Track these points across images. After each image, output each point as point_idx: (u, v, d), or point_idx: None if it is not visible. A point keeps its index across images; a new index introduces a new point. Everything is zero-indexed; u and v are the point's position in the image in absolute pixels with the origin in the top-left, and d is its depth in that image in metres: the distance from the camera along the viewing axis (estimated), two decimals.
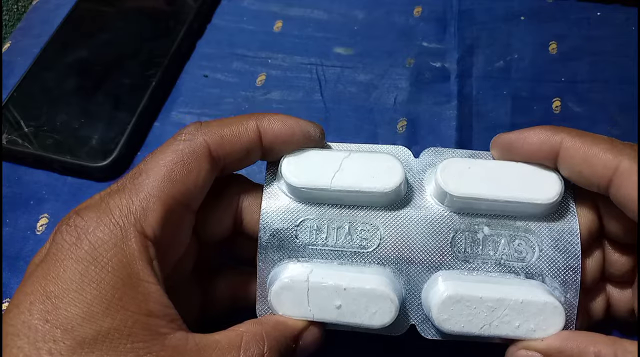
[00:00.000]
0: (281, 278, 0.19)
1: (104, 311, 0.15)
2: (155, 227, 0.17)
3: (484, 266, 0.19)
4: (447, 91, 0.31)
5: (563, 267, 0.19)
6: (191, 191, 0.18)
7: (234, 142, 0.19)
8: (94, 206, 0.17)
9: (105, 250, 0.16)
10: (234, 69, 0.32)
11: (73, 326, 0.15)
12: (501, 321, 0.18)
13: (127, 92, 0.30)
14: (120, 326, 0.15)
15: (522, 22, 0.33)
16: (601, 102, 0.30)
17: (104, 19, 0.33)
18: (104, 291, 0.15)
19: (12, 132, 0.29)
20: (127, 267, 0.16)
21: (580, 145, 0.18)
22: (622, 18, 0.33)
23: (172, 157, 0.18)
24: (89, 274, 0.15)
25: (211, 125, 0.19)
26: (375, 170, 0.19)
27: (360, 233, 0.20)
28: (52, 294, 0.15)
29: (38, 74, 0.31)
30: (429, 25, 0.33)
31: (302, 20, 0.34)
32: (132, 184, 0.17)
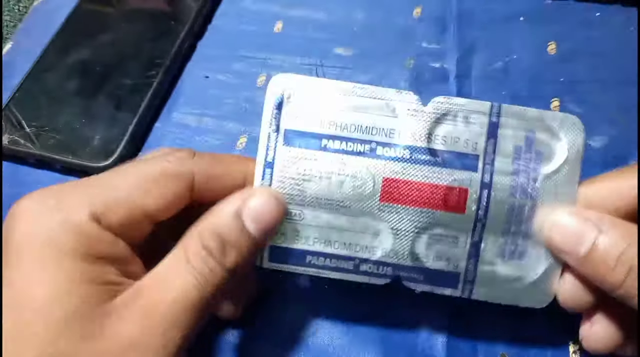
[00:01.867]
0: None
1: (69, 288, 0.15)
2: (114, 224, 0.17)
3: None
4: (447, 91, 0.31)
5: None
6: (160, 210, 0.18)
7: (219, 183, 0.19)
8: (53, 193, 0.17)
9: (63, 232, 0.16)
10: (234, 69, 0.33)
11: (42, 307, 0.15)
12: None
13: (128, 93, 0.30)
14: (86, 297, 0.15)
15: (521, 23, 0.33)
16: (600, 103, 0.30)
17: (106, 20, 0.33)
18: (66, 269, 0.16)
19: (14, 132, 0.29)
20: (86, 246, 0.16)
21: (600, 184, 0.19)
22: (621, 19, 0.33)
23: (153, 172, 0.18)
24: (48, 255, 0.16)
25: (203, 159, 0.19)
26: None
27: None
28: (15, 280, 0.15)
29: (40, 74, 0.31)
30: (429, 26, 0.34)
31: (303, 21, 0.34)
32: (105, 181, 0.18)
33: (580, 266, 0.19)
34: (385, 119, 0.20)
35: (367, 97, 0.20)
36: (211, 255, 0.17)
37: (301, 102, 0.20)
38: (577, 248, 0.18)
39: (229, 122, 0.31)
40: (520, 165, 0.20)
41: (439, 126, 0.20)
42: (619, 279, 0.18)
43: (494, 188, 0.20)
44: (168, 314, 0.16)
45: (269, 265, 0.21)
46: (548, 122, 0.20)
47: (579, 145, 0.20)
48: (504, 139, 0.20)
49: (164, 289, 0.16)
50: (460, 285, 0.20)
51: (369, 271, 0.21)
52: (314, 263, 0.21)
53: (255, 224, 0.18)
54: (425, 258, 0.20)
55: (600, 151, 0.29)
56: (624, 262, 0.17)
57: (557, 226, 0.19)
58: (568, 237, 0.19)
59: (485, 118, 0.20)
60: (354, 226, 0.20)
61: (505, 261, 0.20)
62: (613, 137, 0.29)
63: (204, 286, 0.17)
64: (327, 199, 0.20)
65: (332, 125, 0.20)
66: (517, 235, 0.20)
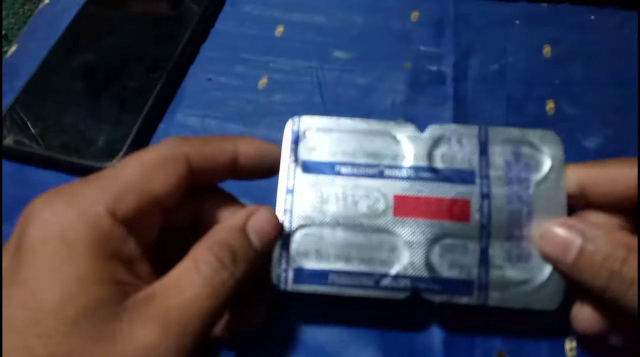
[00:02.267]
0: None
1: (80, 288, 0.15)
2: (127, 214, 0.17)
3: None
4: (444, 94, 0.31)
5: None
6: (165, 191, 0.19)
7: (212, 159, 0.20)
8: (64, 190, 0.17)
9: (75, 230, 0.16)
10: (236, 72, 0.33)
11: (53, 307, 0.15)
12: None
13: (132, 95, 0.31)
14: (98, 297, 0.16)
15: (517, 26, 0.34)
16: (595, 104, 0.31)
17: (110, 23, 0.34)
18: (77, 267, 0.16)
19: (19, 133, 0.29)
20: (98, 244, 0.16)
21: (601, 170, 0.20)
22: (616, 21, 0.34)
23: (153, 159, 0.19)
24: (60, 253, 0.16)
25: (193, 140, 0.20)
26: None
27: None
28: (28, 280, 0.15)
29: (45, 76, 0.32)
30: (426, 30, 0.34)
31: (303, 25, 0.35)
32: (110, 174, 0.18)
33: (570, 272, 0.20)
34: (389, 145, 0.23)
35: (370, 129, 0.23)
36: (224, 266, 0.18)
37: (315, 137, 0.23)
38: (566, 255, 0.20)
39: (231, 123, 0.31)
40: (512, 176, 0.22)
41: (437, 148, 0.23)
42: (603, 284, 0.19)
43: (492, 197, 0.22)
44: (181, 320, 0.16)
45: (294, 287, 0.22)
46: (530, 138, 0.23)
47: (560, 155, 0.22)
48: (494, 155, 0.22)
49: (176, 296, 0.17)
50: (476, 292, 0.22)
51: (389, 286, 0.22)
52: (335, 282, 0.22)
53: (258, 238, 0.20)
54: (440, 268, 0.22)
55: (595, 152, 0.29)
56: (607, 267, 0.18)
57: (547, 236, 0.21)
58: (557, 245, 0.20)
59: (475, 139, 0.23)
60: (371, 242, 0.22)
61: (514, 265, 0.22)
62: (608, 137, 0.29)
63: (216, 296, 0.17)
64: (344, 218, 0.22)
65: (344, 154, 0.23)
66: (520, 238, 0.22)
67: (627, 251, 0.18)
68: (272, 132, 0.30)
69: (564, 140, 0.29)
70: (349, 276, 0.22)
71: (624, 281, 0.18)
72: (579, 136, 0.30)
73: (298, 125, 0.23)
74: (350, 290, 0.22)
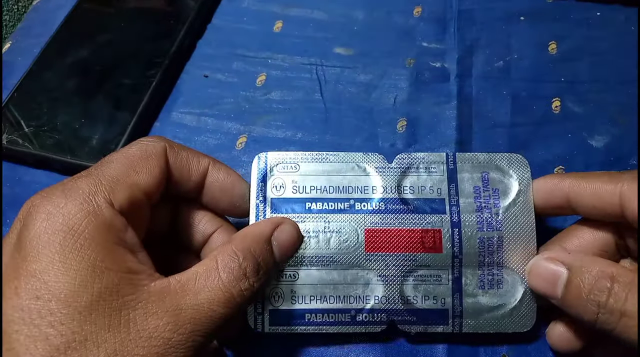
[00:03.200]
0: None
1: (91, 275, 0.16)
2: (123, 204, 0.18)
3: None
4: (447, 91, 0.31)
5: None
6: (151, 183, 0.19)
7: (186, 165, 0.21)
8: (60, 186, 0.18)
9: (79, 219, 0.16)
10: (234, 69, 0.32)
11: (66, 295, 0.15)
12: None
13: (127, 92, 0.30)
14: (109, 285, 0.16)
15: (522, 22, 0.33)
16: (601, 102, 0.30)
17: (105, 19, 0.33)
18: (86, 256, 0.16)
19: (12, 132, 0.29)
20: (103, 233, 0.17)
21: (585, 184, 0.20)
22: (621, 18, 0.33)
23: (137, 153, 0.19)
24: (68, 243, 0.16)
25: (172, 143, 0.21)
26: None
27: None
28: (37, 271, 0.15)
29: (38, 74, 0.31)
30: (429, 26, 0.34)
31: (302, 20, 0.34)
32: (99, 170, 0.18)
33: (562, 307, 0.20)
34: (358, 178, 0.23)
35: (339, 162, 0.23)
36: (245, 277, 0.18)
37: (283, 174, 0.23)
38: (555, 291, 0.20)
39: (229, 121, 0.30)
40: (481, 202, 0.23)
41: (405, 178, 0.23)
42: (592, 317, 0.18)
43: (463, 225, 0.22)
44: (194, 321, 0.16)
45: (270, 329, 0.22)
46: (497, 162, 0.23)
47: (527, 178, 0.23)
48: (463, 182, 0.23)
49: (192, 296, 0.17)
50: (450, 320, 0.22)
51: (365, 320, 0.22)
52: (313, 321, 0.22)
53: (280, 251, 0.20)
54: (415, 299, 0.22)
55: (602, 151, 0.28)
56: (593, 301, 0.18)
57: (534, 272, 0.21)
58: (544, 281, 0.20)
59: (443, 166, 0.23)
60: (345, 279, 0.22)
61: (486, 291, 0.22)
62: (614, 136, 0.29)
63: (232, 304, 0.17)
64: (318, 257, 0.22)
65: (313, 189, 0.23)
66: (491, 265, 0.22)
67: (612, 281, 0.18)
68: (269, 131, 0.30)
69: (571, 140, 0.29)
70: (325, 314, 0.22)
71: (613, 313, 0.18)
72: (585, 135, 0.29)
73: (265, 162, 0.23)
74: (327, 327, 0.22)
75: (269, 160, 0.23)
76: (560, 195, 0.21)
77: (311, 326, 0.22)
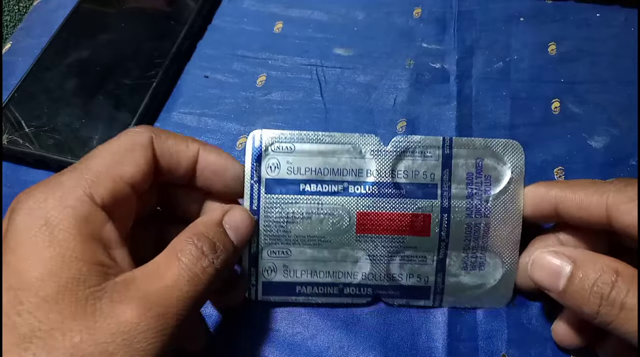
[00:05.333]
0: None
1: (60, 266, 0.16)
2: (105, 198, 0.18)
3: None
4: (447, 92, 0.31)
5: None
6: (137, 174, 0.19)
7: (174, 152, 0.21)
8: (45, 183, 0.18)
9: (57, 212, 0.17)
10: (234, 69, 0.32)
11: (34, 284, 0.16)
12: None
13: (127, 93, 0.30)
14: (77, 275, 0.16)
15: (522, 23, 0.33)
16: (600, 103, 0.30)
17: (105, 19, 0.33)
18: (58, 248, 0.16)
19: (13, 132, 0.29)
20: (78, 226, 0.17)
21: (571, 195, 0.21)
22: (621, 19, 0.33)
23: (123, 145, 0.20)
24: (42, 235, 0.16)
25: (160, 130, 0.21)
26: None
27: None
28: (12, 262, 0.16)
29: (39, 74, 0.31)
30: (429, 27, 0.34)
31: (302, 21, 0.34)
32: (83, 164, 0.19)
33: (561, 299, 0.20)
34: (353, 160, 0.23)
35: (334, 143, 0.23)
36: (204, 254, 0.18)
37: (278, 154, 0.22)
38: (556, 283, 0.20)
39: (229, 122, 0.30)
40: (473, 189, 0.23)
41: (400, 162, 0.23)
42: (593, 310, 0.19)
43: (452, 211, 0.23)
44: (161, 302, 0.16)
45: (263, 298, 0.23)
46: (493, 148, 0.23)
47: (520, 166, 0.23)
48: (457, 167, 0.23)
49: (156, 281, 0.17)
50: (432, 296, 0.24)
51: (352, 293, 0.24)
52: (302, 292, 0.23)
53: (234, 232, 0.20)
54: (400, 277, 0.23)
55: (601, 152, 0.28)
56: (596, 293, 0.19)
57: (536, 265, 0.21)
58: (547, 274, 0.20)
59: (439, 151, 0.23)
60: (336, 257, 0.23)
61: (468, 272, 0.23)
62: (614, 137, 0.29)
63: (196, 282, 0.18)
64: (310, 236, 0.23)
65: (308, 170, 0.23)
66: (475, 249, 0.23)
67: (616, 275, 0.18)
68: None
69: (570, 141, 0.29)
70: (315, 287, 0.23)
71: (614, 306, 0.18)
72: (585, 136, 0.29)
73: (260, 141, 0.22)
74: (316, 298, 0.24)
75: (264, 139, 0.22)
76: (547, 205, 0.22)
77: (301, 296, 0.23)
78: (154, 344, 0.16)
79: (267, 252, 0.23)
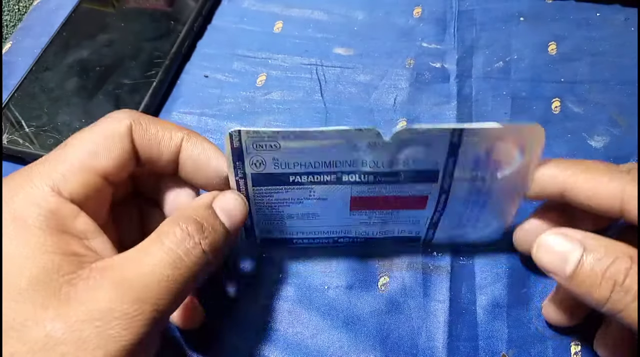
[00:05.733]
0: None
1: (30, 258, 0.16)
2: (75, 191, 0.18)
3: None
4: (447, 92, 0.31)
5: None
6: (111, 166, 0.19)
7: (154, 142, 0.20)
8: (16, 175, 0.18)
9: (24, 208, 0.17)
10: (234, 69, 0.32)
11: (6, 279, 0.16)
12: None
13: (127, 92, 0.30)
14: (48, 264, 0.16)
15: (522, 23, 0.33)
16: (600, 103, 0.30)
17: (105, 19, 0.33)
18: (26, 242, 0.16)
19: (13, 132, 0.29)
20: (47, 220, 0.17)
21: (583, 180, 0.20)
22: (621, 19, 0.33)
23: (98, 134, 0.19)
24: (11, 231, 0.16)
25: (142, 117, 0.20)
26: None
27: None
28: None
29: (39, 74, 0.31)
30: (429, 26, 0.34)
31: (302, 21, 0.34)
32: (56, 155, 0.18)
33: (567, 284, 0.19)
34: (348, 153, 0.20)
35: (328, 140, 0.20)
36: (189, 235, 0.17)
37: (262, 152, 0.20)
38: (563, 267, 0.19)
39: (229, 121, 0.30)
40: (478, 173, 0.21)
41: (401, 153, 0.20)
42: (604, 296, 0.18)
43: (452, 192, 0.22)
44: (138, 287, 0.16)
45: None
46: (509, 134, 0.20)
47: (537, 151, 0.20)
48: (464, 154, 0.20)
49: (136, 265, 0.16)
50: (421, 245, 0.25)
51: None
52: (299, 243, 0.23)
53: (226, 215, 0.19)
54: (393, 230, 0.25)
55: (601, 151, 0.28)
56: (609, 278, 0.18)
57: (543, 247, 0.20)
58: (554, 257, 0.19)
59: (446, 141, 0.20)
60: (330, 222, 0.24)
61: (464, 224, 0.24)
62: (614, 137, 0.29)
63: (179, 265, 0.17)
64: (302, 214, 0.23)
65: (297, 165, 0.21)
66: (472, 214, 0.23)
67: (632, 262, 0.17)
68: None
69: (570, 140, 0.29)
70: (311, 240, 0.24)
71: (628, 294, 0.17)
72: (585, 136, 0.29)
73: (239, 141, 0.20)
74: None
75: (242, 139, 0.20)
76: (555, 187, 0.20)
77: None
78: (129, 329, 0.15)
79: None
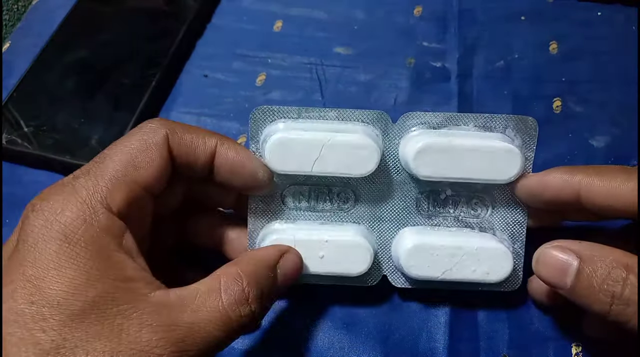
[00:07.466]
0: (270, 237, 0.22)
1: (85, 283, 0.16)
2: (121, 206, 0.18)
3: (444, 222, 0.23)
4: (448, 91, 0.31)
5: (511, 222, 0.23)
6: (152, 177, 0.19)
7: (191, 149, 0.20)
8: (59, 189, 0.17)
9: (76, 227, 0.16)
10: (234, 68, 0.32)
11: (59, 302, 0.15)
12: (460, 266, 0.22)
13: (127, 92, 0.30)
14: (103, 292, 0.16)
15: (523, 22, 0.33)
16: (601, 102, 0.30)
17: (104, 19, 0.33)
18: (82, 264, 0.16)
19: (12, 132, 0.29)
20: (99, 240, 0.17)
21: (599, 182, 0.19)
22: (622, 18, 0.33)
23: (136, 145, 0.19)
24: (64, 251, 0.16)
25: (176, 125, 0.20)
26: (352, 158, 0.21)
27: (339, 196, 0.23)
28: (33, 277, 0.16)
29: (38, 74, 0.31)
30: (429, 25, 0.33)
31: (302, 20, 0.34)
32: (97, 168, 0.18)
33: (570, 297, 0.19)
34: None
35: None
36: (247, 301, 0.18)
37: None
38: (563, 280, 0.19)
39: (228, 121, 0.30)
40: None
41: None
42: (604, 309, 0.17)
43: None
44: (188, 340, 0.16)
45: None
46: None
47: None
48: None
49: (190, 314, 0.16)
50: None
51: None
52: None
53: (284, 279, 0.20)
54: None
55: (603, 151, 0.28)
56: (606, 292, 0.17)
57: (542, 261, 0.20)
58: (553, 270, 0.19)
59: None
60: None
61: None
62: (615, 136, 0.29)
63: (229, 329, 0.17)
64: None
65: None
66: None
67: (628, 271, 0.17)
68: None
69: (571, 140, 0.29)
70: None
71: (630, 306, 0.17)
72: (586, 135, 0.29)
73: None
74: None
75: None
76: (570, 192, 0.20)
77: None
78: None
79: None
